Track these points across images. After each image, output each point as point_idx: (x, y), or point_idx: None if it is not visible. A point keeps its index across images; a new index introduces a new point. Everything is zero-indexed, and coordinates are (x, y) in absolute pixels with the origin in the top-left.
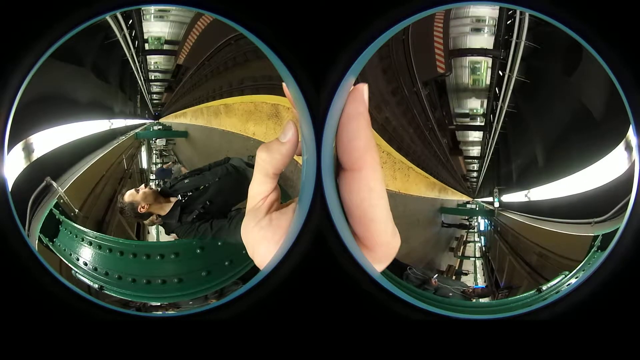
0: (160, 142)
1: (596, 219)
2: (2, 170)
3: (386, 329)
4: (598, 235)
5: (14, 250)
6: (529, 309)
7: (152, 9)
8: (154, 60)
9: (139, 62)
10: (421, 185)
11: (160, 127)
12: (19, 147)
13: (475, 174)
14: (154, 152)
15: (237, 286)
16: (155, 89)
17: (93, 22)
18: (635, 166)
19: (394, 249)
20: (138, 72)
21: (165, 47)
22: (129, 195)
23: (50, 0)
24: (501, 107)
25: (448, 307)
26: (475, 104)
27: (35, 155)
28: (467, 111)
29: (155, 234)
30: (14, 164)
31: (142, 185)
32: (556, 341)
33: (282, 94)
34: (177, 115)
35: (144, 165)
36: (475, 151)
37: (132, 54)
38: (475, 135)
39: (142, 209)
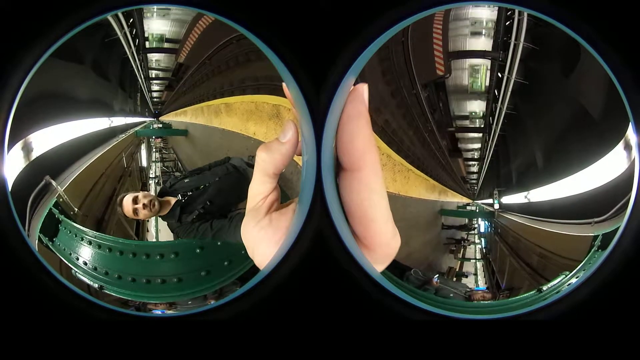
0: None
1: (596, 219)
2: (2, 169)
3: (386, 329)
4: (598, 235)
5: (14, 250)
6: (529, 309)
7: (153, 7)
8: (154, 58)
9: (139, 60)
10: (421, 188)
11: (160, 125)
12: (18, 145)
13: (475, 176)
14: (154, 149)
15: (235, 286)
16: (155, 87)
17: (93, 21)
18: (635, 165)
19: (394, 249)
20: (138, 70)
21: (166, 45)
22: (129, 212)
23: (50, 0)
24: (500, 109)
25: (448, 307)
26: (474, 106)
27: (35, 154)
28: (467, 113)
29: (155, 233)
30: (14, 163)
31: (141, 195)
32: (556, 341)
33: (284, 95)
34: (177, 114)
35: (144, 163)
36: (474, 153)
37: (132, 52)
38: (475, 137)
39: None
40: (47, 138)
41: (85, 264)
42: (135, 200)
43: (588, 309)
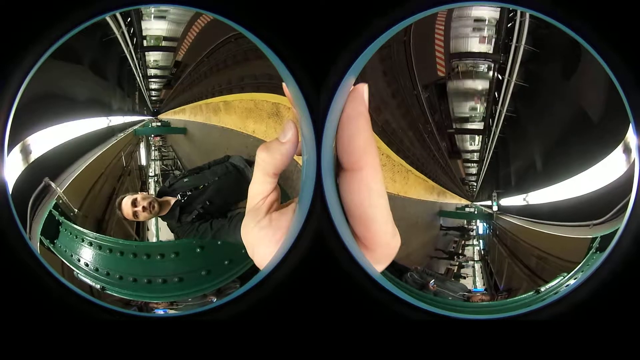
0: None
1: (594, 221)
2: (2, 172)
3: (386, 329)
4: (596, 237)
5: (16, 253)
6: (528, 309)
7: (152, 7)
8: (152, 57)
9: (137, 58)
10: (420, 189)
11: (159, 123)
12: (17, 148)
13: (474, 178)
14: (153, 148)
15: (235, 284)
16: (153, 85)
17: (93, 22)
18: (635, 166)
19: (394, 249)
20: (136, 69)
21: (164, 43)
22: (129, 215)
23: (50, 0)
24: (500, 111)
25: (448, 307)
26: (474, 108)
27: (34, 156)
28: (467, 115)
29: (155, 233)
30: (14, 166)
31: (140, 197)
32: (555, 341)
33: (283, 93)
34: (175, 112)
35: (143, 162)
36: (474, 155)
37: (130, 51)
38: (474, 139)
39: None
40: (45, 139)
41: (87, 265)
42: (134, 203)
43: (586, 309)
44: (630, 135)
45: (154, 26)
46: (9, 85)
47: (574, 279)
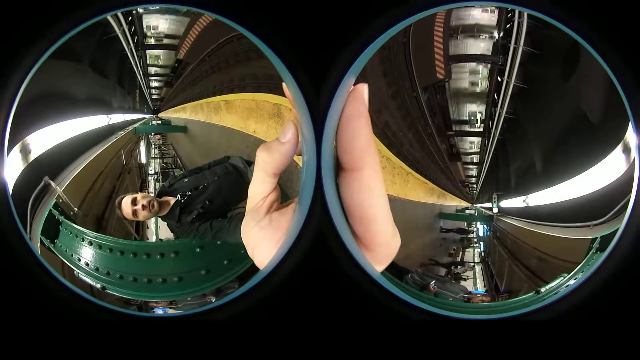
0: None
1: (594, 222)
2: (2, 172)
3: (386, 329)
4: (596, 238)
5: (17, 253)
6: (529, 309)
7: (153, 6)
8: (153, 54)
9: (138, 56)
10: (420, 191)
11: (160, 121)
12: (17, 147)
13: (474, 180)
14: (153, 146)
15: (235, 284)
16: (154, 83)
17: (93, 21)
18: (635, 166)
19: (394, 249)
20: (137, 67)
21: (165, 41)
22: (128, 214)
23: (50, 0)
24: (499, 113)
25: (448, 307)
26: (474, 110)
27: (33, 155)
28: (466, 117)
29: (155, 231)
30: (14, 165)
31: (139, 196)
32: (555, 341)
33: (284, 94)
34: (176, 110)
35: (143, 160)
36: (474, 157)
37: (131, 49)
38: (474, 141)
39: None
40: (45, 138)
41: (87, 264)
42: (134, 202)
43: (586, 309)
44: (630, 135)
45: (155, 23)
46: (9, 85)
47: (574, 279)
